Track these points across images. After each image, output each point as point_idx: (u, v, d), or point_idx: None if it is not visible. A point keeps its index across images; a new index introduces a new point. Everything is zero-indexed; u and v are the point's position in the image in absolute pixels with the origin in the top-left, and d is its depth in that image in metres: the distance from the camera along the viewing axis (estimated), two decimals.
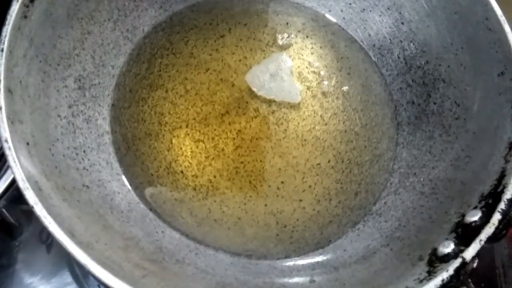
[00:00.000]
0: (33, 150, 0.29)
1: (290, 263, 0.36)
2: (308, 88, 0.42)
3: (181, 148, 0.38)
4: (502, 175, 0.31)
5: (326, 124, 0.40)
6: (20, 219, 0.41)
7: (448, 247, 0.29)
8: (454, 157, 0.36)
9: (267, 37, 0.43)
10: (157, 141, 0.38)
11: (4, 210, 0.39)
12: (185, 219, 0.36)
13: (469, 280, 0.29)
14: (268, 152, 0.39)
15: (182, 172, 0.37)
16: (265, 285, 0.34)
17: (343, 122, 0.41)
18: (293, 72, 0.42)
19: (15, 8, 0.29)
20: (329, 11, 0.45)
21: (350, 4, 0.44)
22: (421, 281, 0.28)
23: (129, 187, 0.36)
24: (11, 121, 0.27)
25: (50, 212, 0.25)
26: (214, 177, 0.37)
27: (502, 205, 0.29)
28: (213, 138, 0.38)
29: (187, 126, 0.39)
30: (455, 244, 0.29)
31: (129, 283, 0.24)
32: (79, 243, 0.25)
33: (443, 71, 0.39)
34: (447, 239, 0.30)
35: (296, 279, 0.35)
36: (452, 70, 0.38)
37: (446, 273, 0.27)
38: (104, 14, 0.38)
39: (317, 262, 0.36)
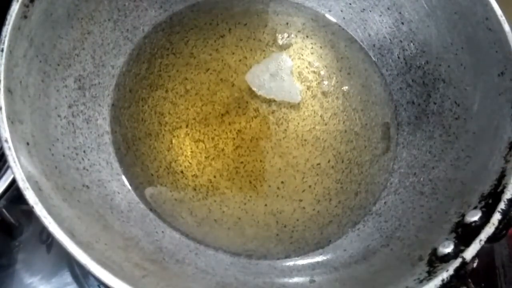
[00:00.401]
0: (33, 150, 0.29)
1: (290, 263, 0.36)
2: (308, 88, 0.42)
3: (181, 148, 0.38)
4: (502, 175, 0.31)
5: (326, 124, 0.40)
6: (20, 219, 0.41)
7: (448, 247, 0.29)
8: (454, 157, 0.36)
9: (267, 37, 0.43)
10: (157, 141, 0.38)
11: (4, 210, 0.39)
12: (185, 219, 0.36)
13: (469, 280, 0.29)
14: (268, 152, 0.39)
15: (182, 172, 0.37)
16: (265, 285, 0.34)
17: (343, 122, 0.41)
18: (293, 72, 0.42)
19: (15, 8, 0.29)
20: (329, 11, 0.45)
21: (350, 4, 0.44)
22: (421, 281, 0.28)
23: (129, 187, 0.36)
24: (11, 121, 0.27)
25: (50, 212, 0.25)
26: (214, 177, 0.37)
27: (502, 205, 0.29)
28: (213, 138, 0.38)
29: (187, 126, 0.39)
30: (455, 244, 0.29)
31: (129, 283, 0.24)
32: (79, 243, 0.25)
33: (443, 71, 0.39)
34: (447, 239, 0.30)
35: (296, 279, 0.35)
36: (452, 70, 0.38)
37: (446, 273, 0.27)
38: (104, 14, 0.38)
39: (317, 262, 0.36)
